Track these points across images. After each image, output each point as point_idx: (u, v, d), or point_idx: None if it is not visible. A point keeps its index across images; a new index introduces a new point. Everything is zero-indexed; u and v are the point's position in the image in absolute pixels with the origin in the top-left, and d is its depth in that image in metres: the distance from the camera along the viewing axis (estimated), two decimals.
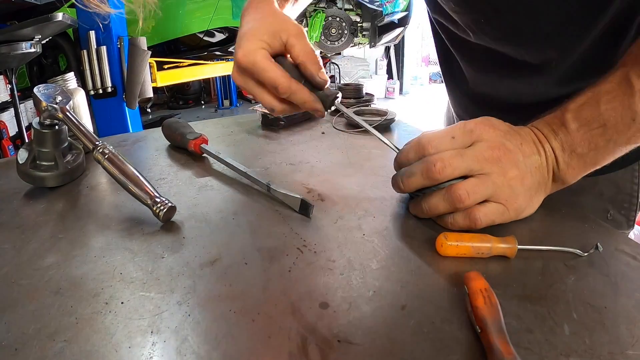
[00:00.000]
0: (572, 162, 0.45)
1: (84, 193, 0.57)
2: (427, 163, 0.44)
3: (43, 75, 3.58)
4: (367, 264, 0.41)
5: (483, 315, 0.32)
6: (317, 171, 0.63)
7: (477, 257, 0.41)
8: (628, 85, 0.43)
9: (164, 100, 6.02)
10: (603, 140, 0.43)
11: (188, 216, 0.50)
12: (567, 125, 0.44)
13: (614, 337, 0.32)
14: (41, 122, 0.56)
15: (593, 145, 0.44)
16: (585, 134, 0.44)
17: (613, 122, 0.43)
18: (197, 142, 0.67)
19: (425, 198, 0.46)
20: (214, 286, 0.38)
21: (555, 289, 0.37)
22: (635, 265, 0.41)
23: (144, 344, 0.32)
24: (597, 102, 0.44)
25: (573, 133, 0.44)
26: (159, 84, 3.50)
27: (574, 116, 0.44)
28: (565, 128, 0.44)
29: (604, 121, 0.43)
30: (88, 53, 2.75)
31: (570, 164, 0.45)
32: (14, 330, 0.33)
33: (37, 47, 2.33)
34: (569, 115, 0.44)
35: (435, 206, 0.45)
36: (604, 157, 0.45)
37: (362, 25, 4.85)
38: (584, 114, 0.44)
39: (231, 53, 4.57)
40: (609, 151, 0.44)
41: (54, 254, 0.43)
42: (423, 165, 0.45)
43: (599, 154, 0.44)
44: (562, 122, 0.45)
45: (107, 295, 0.37)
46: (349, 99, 0.93)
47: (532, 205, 0.46)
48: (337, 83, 6.38)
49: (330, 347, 0.31)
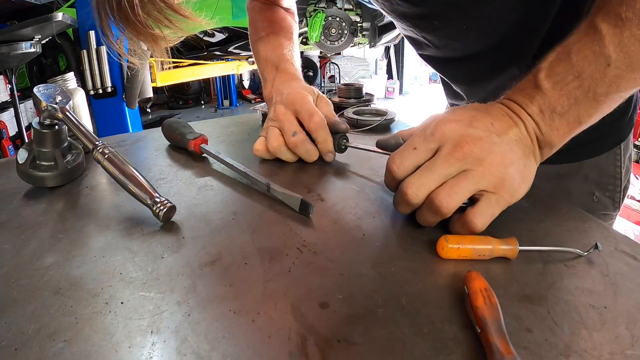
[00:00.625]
0: (555, 123, 0.43)
1: (84, 193, 0.57)
2: (400, 193, 0.44)
3: (43, 75, 3.59)
4: (367, 264, 0.41)
5: (483, 315, 0.32)
6: (317, 171, 0.63)
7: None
8: (595, 31, 0.41)
9: (163, 100, 6.02)
10: (581, 92, 0.41)
11: (188, 216, 0.50)
12: (541, 86, 0.43)
13: (614, 337, 0.32)
14: (41, 122, 0.56)
15: (572, 100, 0.42)
16: (562, 90, 0.42)
17: (588, 71, 0.41)
18: (197, 142, 0.67)
19: (417, 216, 0.46)
20: (214, 286, 0.38)
21: (555, 289, 0.37)
22: (635, 265, 0.41)
23: (144, 344, 0.32)
24: (567, 55, 0.42)
25: (549, 92, 0.42)
26: (158, 84, 3.50)
27: (547, 74, 0.43)
28: (540, 90, 0.43)
29: (578, 72, 0.41)
30: (88, 53, 2.76)
31: (553, 126, 0.43)
32: (14, 330, 0.33)
33: (37, 47, 2.33)
34: (542, 75, 0.43)
35: (426, 220, 0.45)
36: (587, 112, 0.42)
37: (362, 25, 4.84)
38: (556, 70, 0.42)
39: (231, 53, 4.57)
40: (590, 105, 0.42)
41: (54, 254, 0.43)
42: (399, 195, 0.45)
43: (580, 109, 0.42)
44: (535, 84, 0.43)
45: (107, 295, 0.37)
46: (349, 99, 0.93)
47: (526, 179, 0.43)
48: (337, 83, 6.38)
49: (330, 347, 0.31)
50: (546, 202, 0.54)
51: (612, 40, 0.39)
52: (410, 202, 0.43)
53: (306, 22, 4.71)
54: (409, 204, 0.44)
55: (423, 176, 0.43)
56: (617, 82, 0.41)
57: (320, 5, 4.71)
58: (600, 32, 0.40)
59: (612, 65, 0.40)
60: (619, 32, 0.39)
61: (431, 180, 0.42)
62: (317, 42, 4.70)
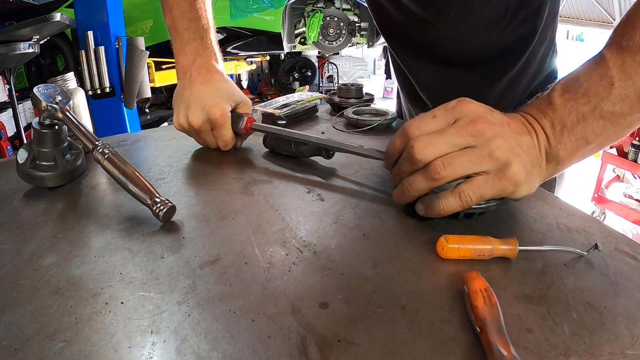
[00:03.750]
0: (564, 138, 0.45)
1: (84, 193, 0.57)
2: (407, 148, 0.45)
3: (41, 75, 3.58)
4: (367, 263, 0.41)
5: (483, 315, 0.32)
6: (317, 171, 0.63)
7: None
8: (601, 58, 0.45)
9: (162, 101, 6.00)
10: (589, 108, 0.44)
11: (188, 216, 0.50)
12: (554, 102, 0.46)
13: (614, 337, 0.32)
14: (41, 122, 0.56)
15: (580, 115, 0.44)
16: (571, 105, 0.45)
17: (594, 90, 0.44)
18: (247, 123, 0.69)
19: (406, 179, 0.46)
20: (214, 286, 0.38)
21: (555, 289, 0.37)
22: (635, 265, 0.41)
23: (144, 344, 0.32)
24: (576, 77, 0.46)
25: (560, 108, 0.45)
26: (157, 84, 3.49)
27: (559, 93, 0.46)
28: (552, 105, 0.46)
29: (586, 90, 0.44)
30: (86, 53, 2.75)
31: (562, 140, 0.45)
32: (14, 330, 0.33)
33: (36, 48, 2.32)
34: (555, 94, 0.46)
35: (414, 185, 0.45)
36: (593, 130, 0.45)
37: (360, 25, 4.84)
38: (567, 89, 0.46)
39: (229, 53, 4.57)
40: (597, 123, 0.44)
41: (54, 254, 0.43)
42: (406, 152, 0.45)
43: (587, 126, 0.44)
44: (549, 101, 0.46)
45: (107, 295, 0.37)
46: (349, 99, 0.93)
47: (529, 181, 0.45)
48: (336, 83, 6.37)
49: (330, 347, 0.31)
50: (546, 201, 0.54)
51: (615, 63, 0.44)
52: (414, 156, 0.44)
53: (304, 22, 4.70)
54: (412, 159, 0.44)
55: (433, 137, 0.44)
56: (621, 102, 0.43)
57: (318, 5, 4.70)
58: (605, 58, 0.45)
59: (616, 84, 0.43)
60: (622, 57, 0.43)
61: (439, 143, 0.43)
62: (315, 42, 4.70)
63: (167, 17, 0.75)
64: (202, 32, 0.73)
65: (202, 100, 0.68)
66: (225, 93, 0.70)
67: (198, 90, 0.69)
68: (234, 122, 0.69)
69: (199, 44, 0.72)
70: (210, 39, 0.74)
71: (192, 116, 0.67)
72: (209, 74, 0.70)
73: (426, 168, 0.44)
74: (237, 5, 4.21)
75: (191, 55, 0.72)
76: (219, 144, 0.70)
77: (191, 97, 0.69)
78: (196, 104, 0.68)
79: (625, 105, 0.43)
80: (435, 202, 0.45)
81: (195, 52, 0.72)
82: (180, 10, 0.72)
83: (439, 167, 0.43)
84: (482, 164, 0.43)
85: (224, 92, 0.70)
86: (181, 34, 0.72)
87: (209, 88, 0.69)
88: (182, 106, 0.69)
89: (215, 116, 0.67)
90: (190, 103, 0.68)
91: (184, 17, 0.72)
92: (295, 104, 0.87)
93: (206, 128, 0.68)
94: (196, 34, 0.72)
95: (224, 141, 0.69)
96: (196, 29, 0.72)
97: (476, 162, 0.43)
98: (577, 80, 0.45)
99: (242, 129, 0.69)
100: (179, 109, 0.70)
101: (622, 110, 0.44)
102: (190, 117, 0.68)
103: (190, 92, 0.69)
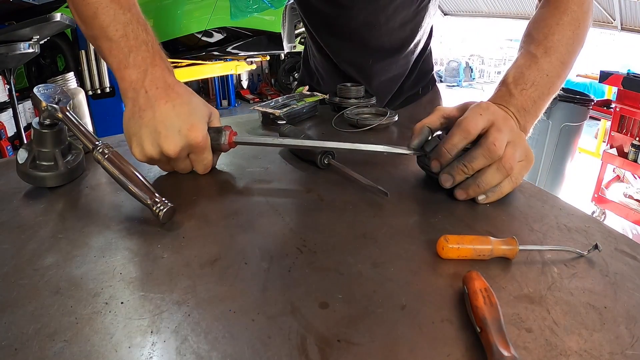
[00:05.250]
0: (527, 117, 0.62)
1: (84, 193, 0.57)
2: (486, 144, 0.52)
3: (41, 75, 3.58)
4: (367, 263, 0.41)
5: (483, 315, 0.32)
6: (317, 171, 0.63)
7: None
8: (532, 55, 0.65)
9: None
10: (537, 94, 0.62)
11: (188, 216, 0.50)
12: (512, 93, 0.62)
13: (614, 337, 0.32)
14: (41, 122, 0.56)
15: (532, 100, 0.62)
16: (526, 94, 0.62)
17: (538, 81, 0.62)
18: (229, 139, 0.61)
19: (464, 157, 0.53)
20: (214, 286, 0.38)
21: (555, 289, 0.37)
22: (635, 265, 0.41)
23: (144, 344, 0.32)
24: (521, 72, 0.63)
25: (518, 96, 0.61)
26: None
27: (513, 86, 0.62)
28: (513, 96, 0.62)
29: (532, 82, 0.62)
30: (86, 53, 2.75)
31: (526, 119, 0.61)
32: (14, 330, 0.33)
33: (36, 48, 2.33)
34: (511, 86, 0.62)
35: (453, 142, 0.53)
36: (540, 107, 0.63)
37: None
38: (517, 82, 0.63)
39: (229, 53, 4.57)
40: (543, 101, 0.63)
41: (54, 254, 0.43)
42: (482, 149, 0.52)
43: (537, 106, 0.63)
44: (509, 93, 0.62)
45: (107, 295, 0.37)
46: (349, 99, 0.93)
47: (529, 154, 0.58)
48: None
49: (330, 347, 0.31)
50: (546, 202, 0.54)
51: (545, 60, 0.64)
52: (466, 128, 0.53)
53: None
54: (463, 129, 0.53)
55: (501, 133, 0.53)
56: (555, 84, 0.65)
57: None
58: (537, 57, 0.64)
59: (549, 75, 0.64)
60: (548, 56, 0.64)
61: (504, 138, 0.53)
62: None
63: (90, 27, 0.60)
64: (145, 37, 0.59)
65: (174, 123, 0.56)
66: (197, 110, 0.59)
67: (164, 112, 0.56)
68: (215, 140, 0.60)
69: (145, 52, 0.58)
70: (155, 43, 0.61)
71: (166, 143, 0.56)
72: (170, 89, 0.58)
73: (500, 162, 0.52)
74: (237, 5, 4.22)
75: (139, 67, 0.58)
76: (197, 168, 0.61)
77: (156, 120, 0.56)
78: (167, 129, 0.56)
79: (557, 86, 0.65)
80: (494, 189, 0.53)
81: (143, 62, 0.58)
82: (108, 14, 0.58)
83: (511, 159, 0.52)
84: (521, 154, 0.55)
85: (196, 109, 0.59)
86: (118, 43, 0.58)
87: (178, 107, 0.57)
88: (145, 133, 0.56)
89: (196, 140, 0.57)
90: (157, 128, 0.56)
91: (117, 22, 0.58)
92: (295, 104, 0.87)
93: (183, 155, 0.58)
94: (138, 40, 0.59)
95: (205, 165, 0.60)
96: (136, 34, 0.59)
97: (509, 133, 0.54)
98: (524, 75, 0.63)
99: (225, 144, 0.60)
100: (140, 136, 0.56)
101: (556, 89, 0.65)
102: (164, 145, 0.56)
103: (153, 115, 0.56)
